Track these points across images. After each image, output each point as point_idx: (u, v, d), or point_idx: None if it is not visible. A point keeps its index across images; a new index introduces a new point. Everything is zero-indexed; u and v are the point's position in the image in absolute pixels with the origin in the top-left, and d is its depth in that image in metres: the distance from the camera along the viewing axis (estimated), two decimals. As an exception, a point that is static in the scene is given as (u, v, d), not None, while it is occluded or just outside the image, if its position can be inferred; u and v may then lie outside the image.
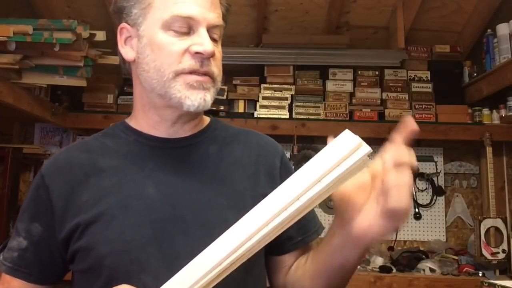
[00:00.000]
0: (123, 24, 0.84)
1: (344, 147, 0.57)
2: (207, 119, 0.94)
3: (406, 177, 0.59)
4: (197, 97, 0.78)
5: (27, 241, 0.82)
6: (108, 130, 0.91)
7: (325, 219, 2.55)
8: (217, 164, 0.86)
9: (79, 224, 0.78)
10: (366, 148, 0.57)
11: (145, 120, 0.86)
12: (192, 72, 0.78)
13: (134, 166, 0.83)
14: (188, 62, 0.78)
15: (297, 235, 0.86)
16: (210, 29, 0.80)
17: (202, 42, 0.78)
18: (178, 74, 0.78)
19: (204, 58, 0.79)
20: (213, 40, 0.82)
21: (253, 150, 0.90)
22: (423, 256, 2.44)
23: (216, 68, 0.81)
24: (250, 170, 0.87)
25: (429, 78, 2.68)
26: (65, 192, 0.81)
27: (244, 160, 0.88)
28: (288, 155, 2.52)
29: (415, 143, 2.72)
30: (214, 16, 0.81)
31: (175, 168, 0.83)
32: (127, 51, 0.84)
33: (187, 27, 0.79)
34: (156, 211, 0.78)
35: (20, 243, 0.83)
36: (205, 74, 0.79)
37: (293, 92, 2.61)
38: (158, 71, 0.79)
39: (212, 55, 0.79)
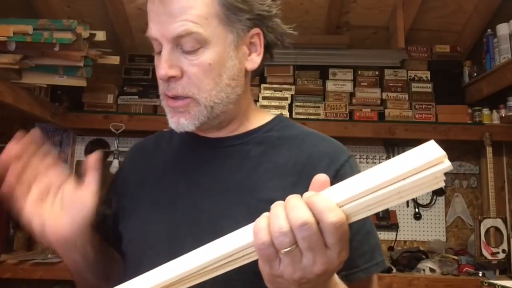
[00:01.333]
0: None
1: (424, 157, 0.48)
2: (266, 118, 0.87)
3: None
4: (172, 121, 0.78)
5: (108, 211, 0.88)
6: None
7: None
8: (252, 169, 0.79)
9: (123, 206, 0.85)
10: (446, 164, 0.48)
11: None
12: (166, 96, 0.78)
13: (176, 162, 0.86)
14: (161, 87, 0.78)
15: (342, 269, 0.64)
16: (177, 41, 0.74)
17: (158, 65, 0.76)
18: (163, 97, 0.79)
19: (168, 81, 0.76)
20: (187, 52, 0.74)
21: (302, 158, 0.79)
22: (423, 256, 2.44)
23: (190, 86, 0.75)
24: (289, 180, 0.76)
25: (429, 78, 2.67)
26: (126, 174, 0.90)
27: (286, 167, 0.78)
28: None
29: (415, 143, 2.72)
30: (175, 27, 0.72)
31: (208, 168, 0.81)
32: None
33: (160, 47, 0.77)
34: (179, 210, 0.79)
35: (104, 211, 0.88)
36: (175, 97, 0.77)
37: (293, 92, 2.61)
38: None
39: (165, 78, 0.74)
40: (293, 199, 0.51)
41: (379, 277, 2.23)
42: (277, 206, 0.51)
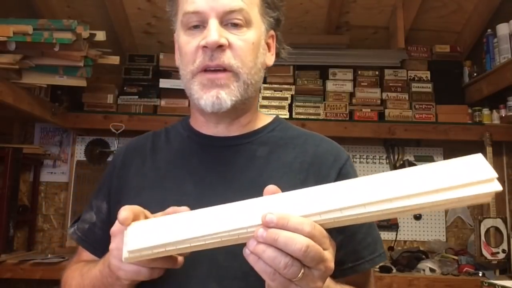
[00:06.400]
0: (175, 34, 0.86)
1: (475, 174, 0.49)
2: (267, 119, 0.90)
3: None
4: (209, 96, 0.76)
5: (96, 216, 0.86)
6: (176, 123, 0.93)
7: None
8: (261, 168, 0.80)
9: None
10: (497, 187, 0.48)
11: (194, 120, 0.88)
12: (204, 68, 0.76)
13: (181, 161, 0.83)
14: (199, 59, 0.76)
15: (348, 261, 0.77)
16: (225, 16, 0.77)
17: (207, 34, 0.75)
18: (194, 74, 0.78)
19: (213, 51, 0.75)
20: (235, 25, 0.78)
21: (307, 157, 0.82)
22: (423, 256, 2.44)
23: (235, 59, 0.77)
24: (298, 179, 0.79)
25: (429, 78, 2.67)
26: (123, 175, 0.85)
27: (294, 166, 0.81)
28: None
29: (415, 143, 2.73)
30: (228, 1, 0.76)
31: (218, 168, 0.81)
32: (176, 59, 0.86)
33: (200, 21, 0.77)
34: None
35: (92, 217, 0.87)
36: (218, 68, 0.76)
37: (293, 92, 2.61)
38: (183, 74, 0.81)
39: (216, 45, 0.74)
40: (284, 234, 0.51)
41: (379, 277, 2.24)
42: (267, 247, 0.51)
